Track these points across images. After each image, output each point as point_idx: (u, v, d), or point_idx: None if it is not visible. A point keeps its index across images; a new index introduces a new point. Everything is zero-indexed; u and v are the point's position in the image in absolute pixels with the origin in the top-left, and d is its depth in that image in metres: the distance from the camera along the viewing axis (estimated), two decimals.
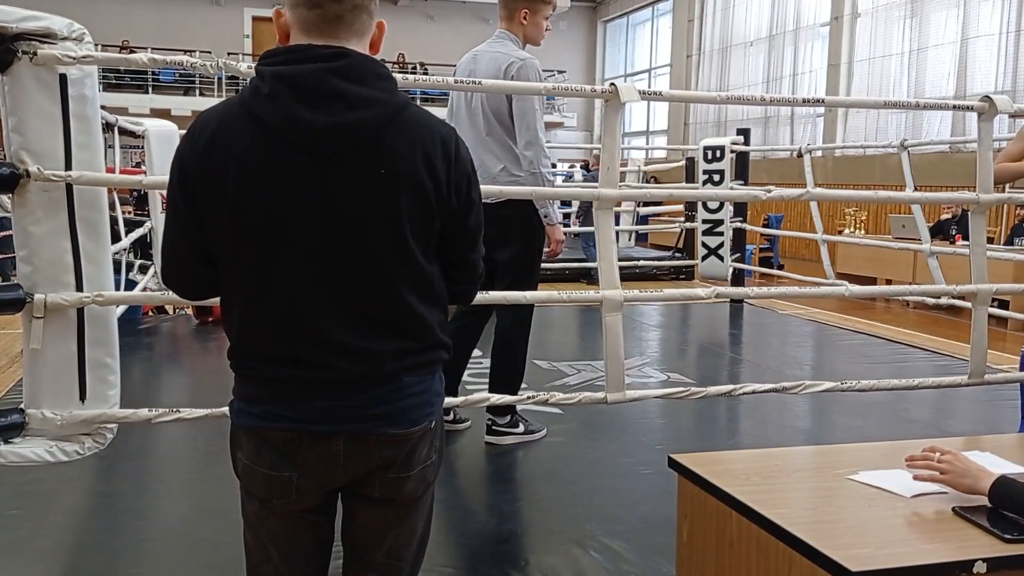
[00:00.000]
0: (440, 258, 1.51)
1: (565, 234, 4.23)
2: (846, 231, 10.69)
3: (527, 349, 3.76)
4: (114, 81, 18.47)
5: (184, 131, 1.52)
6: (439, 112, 2.09)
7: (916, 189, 6.53)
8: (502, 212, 3.48)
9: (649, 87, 18.83)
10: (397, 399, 1.46)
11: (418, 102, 2.06)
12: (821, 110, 14.59)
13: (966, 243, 6.65)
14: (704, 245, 8.17)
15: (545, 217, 3.61)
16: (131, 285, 5.90)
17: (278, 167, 1.37)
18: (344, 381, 1.43)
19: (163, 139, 5.68)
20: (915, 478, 1.86)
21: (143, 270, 6.37)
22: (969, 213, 3.49)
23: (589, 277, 9.74)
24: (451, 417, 3.91)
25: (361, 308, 1.42)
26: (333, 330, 1.41)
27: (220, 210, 1.39)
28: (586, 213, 10.14)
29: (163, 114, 15.02)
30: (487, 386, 3.79)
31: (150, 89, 19.09)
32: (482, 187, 2.69)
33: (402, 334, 1.45)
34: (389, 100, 1.40)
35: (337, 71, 1.36)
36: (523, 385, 4.52)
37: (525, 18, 3.61)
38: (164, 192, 1.86)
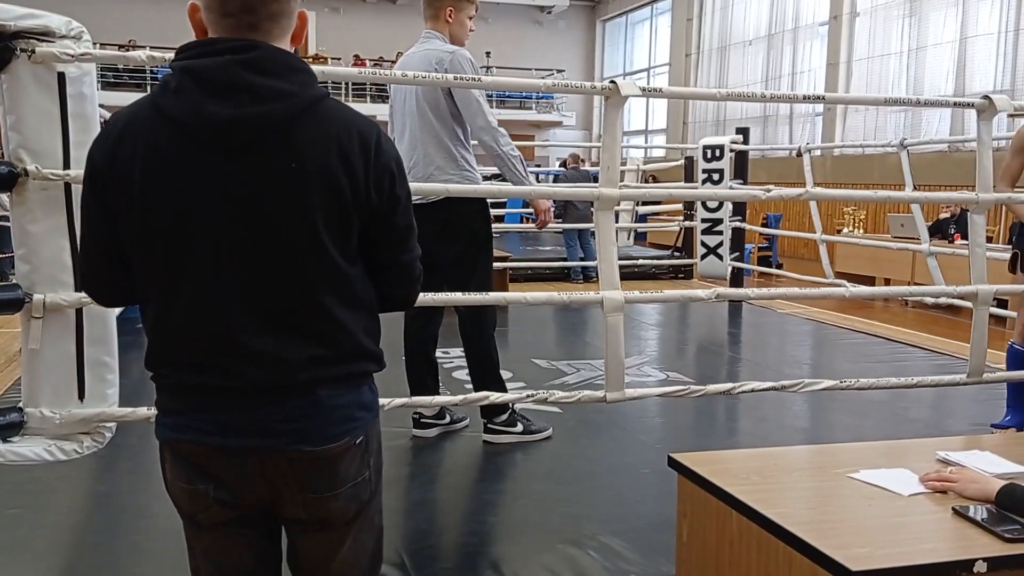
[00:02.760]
0: (369, 261, 1.44)
1: (548, 233, 4.24)
2: (845, 230, 10.68)
3: (495, 346, 3.75)
4: (112, 80, 18.44)
5: None
6: None
7: (915, 188, 6.54)
8: (439, 212, 3.48)
9: (648, 85, 18.79)
10: (311, 414, 1.37)
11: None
12: (820, 109, 14.59)
13: (965, 243, 6.65)
14: (703, 244, 8.17)
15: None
16: None
17: (184, 163, 1.31)
18: (253, 391, 1.35)
19: None
20: (927, 487, 1.86)
21: None
22: (969, 213, 3.49)
23: (570, 276, 9.75)
24: (448, 419, 3.90)
25: (274, 312, 1.35)
26: (244, 335, 1.34)
27: (129, 210, 1.34)
28: (564, 211, 10.10)
29: None
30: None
31: (149, 88, 19.00)
32: (432, 185, 2.62)
33: (318, 341, 1.37)
34: (301, 93, 1.34)
35: (245, 63, 1.31)
36: (521, 384, 4.53)
37: (450, 16, 3.62)
38: None
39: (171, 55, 2.93)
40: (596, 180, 8.45)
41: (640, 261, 10.05)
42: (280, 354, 1.35)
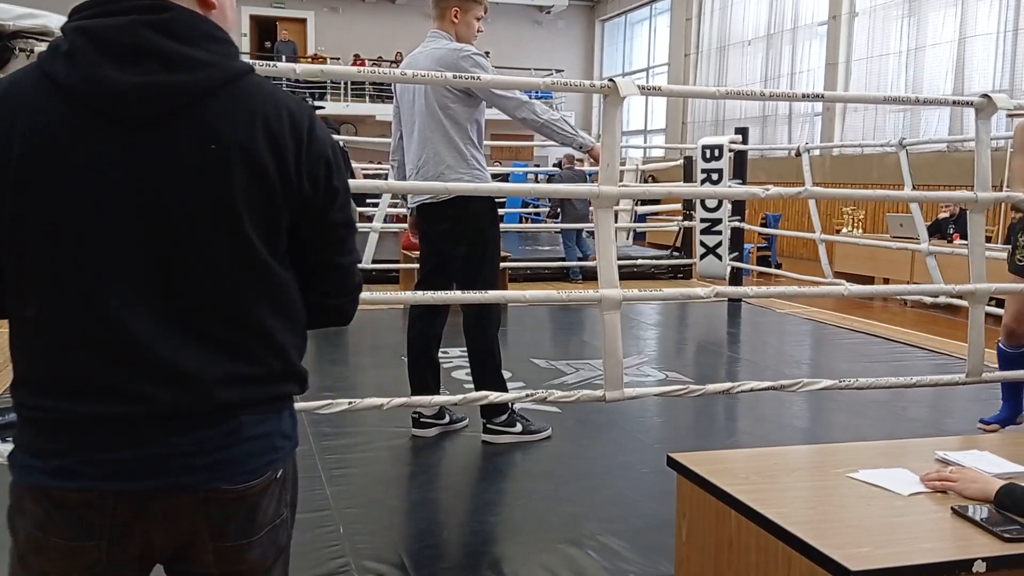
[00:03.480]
0: (300, 265, 1.25)
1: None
2: (844, 230, 10.69)
3: (498, 346, 3.76)
4: None
5: None
6: None
7: (914, 188, 6.54)
8: (449, 211, 3.52)
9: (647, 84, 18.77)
10: (231, 444, 1.17)
11: None
12: (819, 109, 14.59)
13: (964, 242, 6.67)
14: (702, 244, 8.17)
15: (581, 148, 3.68)
16: None
17: (76, 141, 1.10)
18: (162, 418, 1.13)
19: None
20: (927, 487, 1.86)
21: None
22: (968, 212, 3.49)
23: (569, 276, 9.75)
24: (447, 419, 3.90)
25: (189, 320, 1.14)
26: (152, 347, 1.12)
27: (2, 197, 1.12)
28: (561, 210, 10.09)
29: None
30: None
31: None
32: (430, 184, 2.45)
33: (242, 356, 1.17)
34: (221, 64, 1.14)
35: (155, 25, 1.11)
36: (521, 384, 4.53)
37: (456, 16, 3.64)
38: None
39: None
40: (592, 180, 8.44)
41: (639, 261, 10.06)
42: (196, 371, 1.14)
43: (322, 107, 7.49)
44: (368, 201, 8.39)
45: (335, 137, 6.82)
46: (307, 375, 1.27)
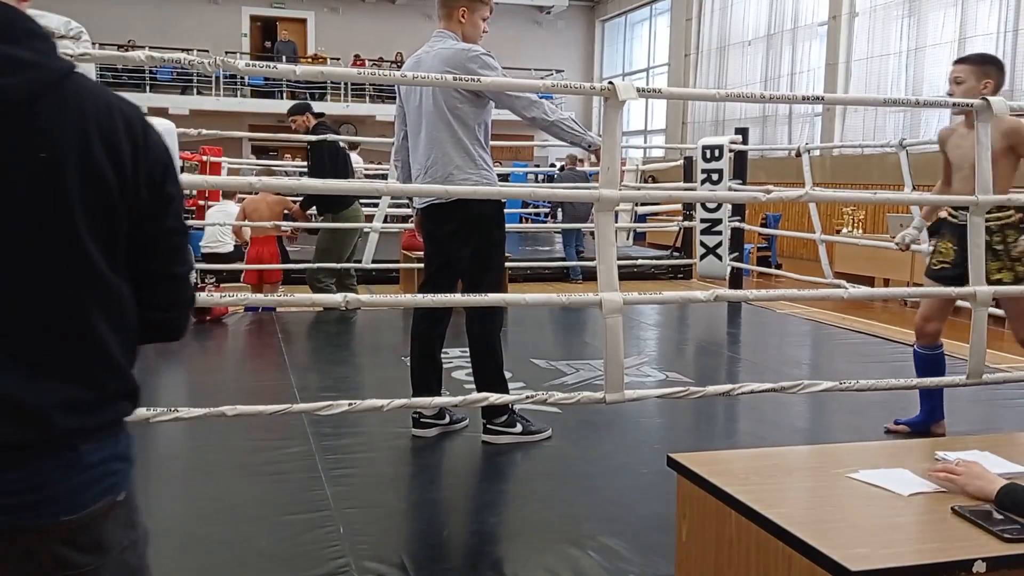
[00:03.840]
0: (132, 275, 1.15)
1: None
2: (844, 230, 10.69)
3: (501, 346, 3.77)
4: (112, 80, 18.44)
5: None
6: None
7: (915, 189, 6.54)
8: (456, 212, 3.52)
9: (647, 86, 18.78)
10: (69, 476, 1.08)
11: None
12: (819, 109, 14.60)
13: None
14: (702, 244, 8.18)
15: (589, 147, 3.66)
16: None
17: None
18: None
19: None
20: (932, 480, 1.87)
21: None
22: (968, 214, 3.49)
23: (570, 276, 9.76)
24: (447, 419, 3.91)
25: (25, 344, 1.06)
26: None
27: None
28: (561, 211, 10.11)
29: (160, 113, 14.99)
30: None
31: (148, 88, 19.05)
32: (431, 186, 2.37)
33: (79, 378, 1.09)
34: (46, 64, 1.06)
35: None
36: (521, 384, 4.53)
37: (463, 17, 3.64)
38: None
39: (171, 55, 2.91)
40: (592, 180, 8.46)
41: (639, 261, 10.07)
42: (30, 399, 1.05)
43: (322, 115, 7.41)
44: (368, 202, 8.40)
45: (335, 138, 6.87)
46: (140, 391, 1.20)
